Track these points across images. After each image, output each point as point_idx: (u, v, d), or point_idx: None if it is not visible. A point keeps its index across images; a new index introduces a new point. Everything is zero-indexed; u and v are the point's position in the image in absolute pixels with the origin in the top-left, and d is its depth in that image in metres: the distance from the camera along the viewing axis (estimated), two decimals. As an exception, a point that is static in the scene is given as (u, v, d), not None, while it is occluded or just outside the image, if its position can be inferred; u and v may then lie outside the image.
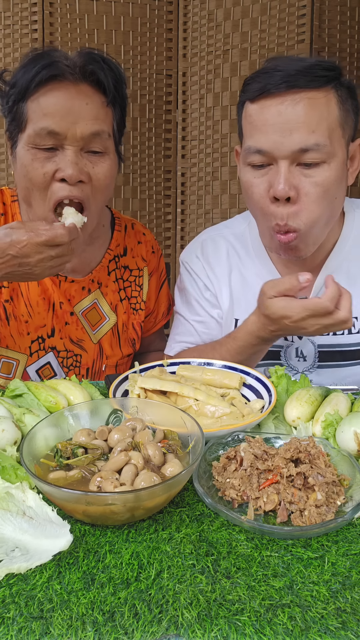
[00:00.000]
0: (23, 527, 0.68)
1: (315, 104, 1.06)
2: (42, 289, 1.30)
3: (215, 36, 2.88)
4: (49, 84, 1.09)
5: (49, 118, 1.09)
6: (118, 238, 1.40)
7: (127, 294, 1.40)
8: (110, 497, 0.68)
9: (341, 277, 1.28)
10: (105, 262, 1.37)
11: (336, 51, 2.83)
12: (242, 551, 0.67)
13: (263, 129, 1.07)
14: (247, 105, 1.12)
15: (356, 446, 0.85)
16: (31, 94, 1.10)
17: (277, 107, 1.06)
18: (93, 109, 1.12)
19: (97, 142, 1.13)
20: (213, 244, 1.38)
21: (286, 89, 1.05)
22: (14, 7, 2.75)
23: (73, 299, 1.34)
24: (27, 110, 1.11)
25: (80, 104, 1.10)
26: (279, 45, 2.80)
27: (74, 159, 1.10)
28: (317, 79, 1.06)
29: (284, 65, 1.07)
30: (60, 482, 0.75)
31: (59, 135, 1.10)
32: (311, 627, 0.57)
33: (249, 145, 1.10)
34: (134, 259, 1.42)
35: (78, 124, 1.10)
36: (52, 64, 1.09)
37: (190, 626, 0.56)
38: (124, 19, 2.86)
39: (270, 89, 1.06)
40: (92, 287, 1.35)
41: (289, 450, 0.79)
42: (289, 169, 1.07)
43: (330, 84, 1.08)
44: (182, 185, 3.07)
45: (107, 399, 0.96)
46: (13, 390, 1.02)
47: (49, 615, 0.58)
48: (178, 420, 0.84)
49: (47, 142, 1.10)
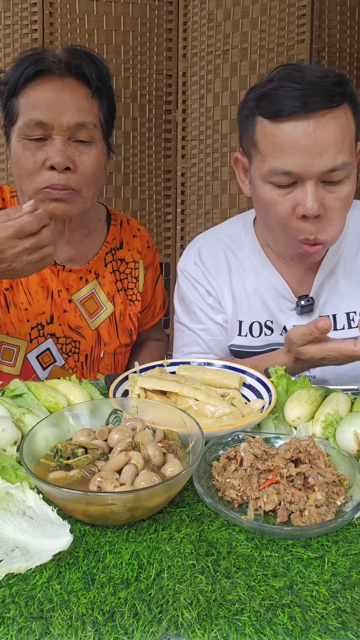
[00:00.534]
0: (23, 527, 0.68)
1: (339, 123, 1.07)
2: (40, 278, 1.35)
3: (215, 36, 2.88)
4: (37, 79, 1.17)
5: (37, 110, 1.17)
6: (114, 232, 1.46)
7: (124, 286, 1.45)
8: (110, 497, 0.68)
9: (338, 273, 1.31)
10: (102, 253, 1.42)
11: (336, 51, 2.83)
12: (242, 551, 0.67)
13: (291, 152, 1.07)
14: (265, 123, 1.10)
15: (356, 446, 0.85)
16: (21, 89, 1.18)
17: (304, 128, 1.06)
18: (78, 100, 1.19)
19: (83, 131, 1.20)
20: (209, 249, 1.38)
21: (309, 111, 1.05)
22: (14, 7, 2.75)
23: (71, 288, 1.39)
24: (18, 105, 1.19)
25: (65, 96, 1.18)
26: (279, 45, 2.80)
27: (61, 147, 1.18)
28: (335, 97, 1.06)
29: (299, 83, 1.06)
30: (60, 482, 0.75)
31: (47, 126, 1.17)
32: (311, 627, 0.57)
33: (275, 167, 1.09)
34: (129, 252, 1.47)
35: (64, 115, 1.17)
36: (39, 60, 1.18)
37: (190, 626, 0.56)
38: (124, 19, 2.86)
39: (297, 111, 1.05)
40: (90, 277, 1.40)
41: (289, 450, 0.79)
42: (316, 188, 1.09)
43: (346, 100, 1.09)
44: (182, 185, 3.07)
45: (107, 399, 0.96)
46: (13, 390, 1.02)
47: (49, 615, 0.58)
48: (178, 420, 0.84)
49: (36, 133, 1.17)
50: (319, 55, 2.80)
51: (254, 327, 1.34)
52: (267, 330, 1.34)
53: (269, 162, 1.11)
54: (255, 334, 1.34)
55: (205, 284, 1.37)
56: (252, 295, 1.34)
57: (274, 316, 1.33)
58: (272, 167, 1.10)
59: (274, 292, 1.32)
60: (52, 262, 1.09)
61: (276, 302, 1.32)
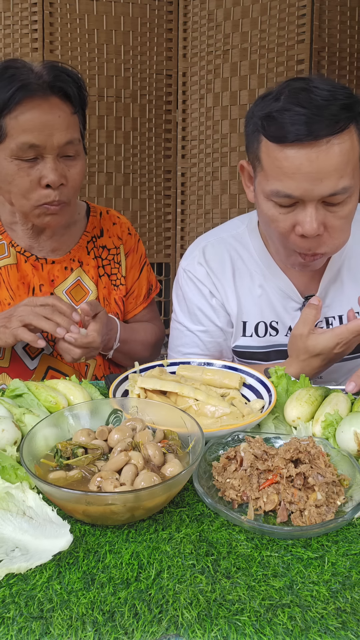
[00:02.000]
0: (23, 527, 0.68)
1: (343, 148, 1.06)
2: (21, 275, 1.40)
3: (215, 36, 2.88)
4: (23, 102, 1.22)
5: (28, 133, 1.22)
6: (94, 222, 1.52)
7: (107, 271, 1.50)
8: (110, 497, 0.68)
9: (343, 275, 1.32)
10: (82, 242, 1.48)
11: (336, 51, 2.83)
12: (242, 551, 0.67)
13: (293, 177, 1.08)
14: (269, 144, 1.11)
15: (356, 446, 0.85)
16: (8, 112, 1.22)
17: (307, 155, 1.06)
18: (64, 120, 1.25)
19: (71, 148, 1.27)
20: (214, 249, 1.38)
21: (313, 139, 1.05)
22: (14, 7, 2.75)
23: (57, 279, 1.43)
24: (4, 126, 1.23)
25: (53, 117, 1.23)
26: (279, 45, 2.80)
27: (54, 166, 1.24)
28: (341, 121, 1.05)
29: (305, 107, 1.05)
30: (60, 482, 0.75)
31: (39, 147, 1.23)
32: (311, 627, 0.57)
33: (277, 190, 1.10)
34: (110, 239, 1.52)
35: (54, 136, 1.23)
36: (25, 86, 1.22)
37: (190, 626, 0.56)
38: (124, 19, 2.86)
39: (302, 139, 1.05)
40: (74, 265, 1.45)
41: (288, 450, 0.79)
42: (316, 209, 1.10)
43: (352, 121, 1.08)
44: (182, 185, 3.07)
45: (107, 399, 0.96)
46: (13, 390, 1.02)
47: (49, 615, 0.58)
48: (178, 420, 0.84)
49: (29, 154, 1.23)
50: (319, 55, 2.80)
51: (260, 327, 1.34)
52: (272, 330, 1.34)
53: (271, 183, 1.12)
54: (261, 334, 1.34)
55: (209, 285, 1.36)
56: (257, 296, 1.34)
57: (280, 317, 1.33)
58: (274, 189, 1.11)
59: (279, 292, 1.32)
60: (47, 327, 1.19)
61: (282, 302, 1.33)
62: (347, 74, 2.88)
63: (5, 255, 1.39)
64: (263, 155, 1.13)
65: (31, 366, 1.39)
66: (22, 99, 1.21)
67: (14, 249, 1.40)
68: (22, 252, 1.40)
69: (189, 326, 1.39)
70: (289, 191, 1.09)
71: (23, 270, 1.40)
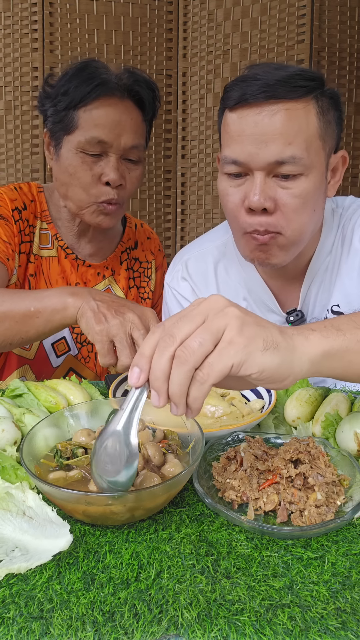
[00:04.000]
0: (23, 527, 0.68)
1: (293, 115, 1.02)
2: (61, 269, 1.43)
3: (215, 36, 2.88)
4: (100, 98, 1.26)
5: (99, 129, 1.26)
6: (129, 233, 1.55)
7: (136, 283, 1.54)
8: (110, 497, 0.68)
9: (325, 278, 1.26)
10: (118, 252, 1.51)
11: (336, 51, 2.83)
12: (242, 551, 0.67)
13: (239, 140, 1.05)
14: (226, 113, 1.09)
15: (356, 446, 0.85)
16: (84, 105, 1.26)
17: (254, 117, 1.03)
18: (135, 124, 1.30)
19: (135, 152, 1.31)
20: (197, 263, 1.35)
21: (264, 99, 1.02)
22: (14, 7, 2.75)
23: (89, 283, 1.46)
24: (77, 118, 1.27)
25: (126, 119, 1.27)
26: (279, 45, 2.80)
27: (117, 165, 1.28)
28: (296, 89, 1.02)
29: (264, 73, 1.03)
30: (60, 482, 0.75)
31: (106, 144, 1.27)
32: (311, 627, 0.57)
33: (225, 155, 1.08)
34: (143, 252, 1.56)
35: (123, 136, 1.27)
36: (105, 83, 1.26)
37: (190, 626, 0.56)
38: (124, 19, 2.86)
39: (248, 98, 1.02)
40: (106, 273, 1.49)
41: (288, 451, 0.79)
42: (264, 181, 1.05)
43: (310, 95, 1.04)
44: (182, 185, 3.07)
45: (107, 399, 0.96)
46: (13, 390, 1.02)
47: (49, 615, 0.58)
48: (178, 420, 0.84)
49: (95, 149, 1.27)
50: (319, 55, 2.80)
51: None
52: None
53: (222, 151, 1.10)
54: None
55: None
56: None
57: None
58: (223, 155, 1.09)
59: (262, 305, 1.30)
60: (104, 361, 1.04)
61: (265, 315, 1.29)
62: (347, 74, 2.88)
63: (49, 246, 1.42)
64: (222, 130, 1.12)
65: (55, 364, 1.41)
66: (100, 95, 1.25)
67: (57, 242, 1.42)
68: (65, 247, 1.42)
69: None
70: (234, 155, 1.06)
71: (63, 266, 1.43)
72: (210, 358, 0.62)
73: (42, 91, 1.34)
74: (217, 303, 0.65)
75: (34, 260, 1.39)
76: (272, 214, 1.06)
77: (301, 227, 1.09)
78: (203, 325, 0.63)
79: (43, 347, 1.41)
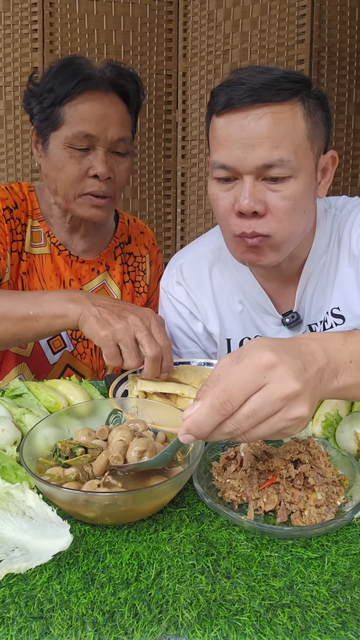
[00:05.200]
0: (23, 527, 0.68)
1: (279, 118, 1.02)
2: (54, 266, 1.43)
3: (215, 36, 2.88)
4: (85, 93, 1.27)
5: (85, 123, 1.26)
6: (122, 228, 1.56)
7: (131, 278, 1.54)
8: (110, 497, 0.68)
9: (321, 279, 1.25)
10: (112, 247, 1.52)
11: (336, 51, 2.83)
12: (242, 551, 0.67)
13: (226, 144, 1.05)
14: (214, 118, 1.09)
15: (356, 446, 0.85)
16: (69, 100, 1.27)
17: (240, 121, 1.03)
18: (120, 117, 1.31)
19: (122, 145, 1.32)
20: (191, 267, 1.35)
21: (250, 103, 1.02)
22: (14, 7, 2.75)
23: (83, 279, 1.46)
24: (63, 114, 1.27)
25: (111, 112, 1.28)
26: (279, 45, 2.80)
27: (104, 159, 1.29)
28: (282, 92, 1.02)
29: (249, 77, 1.03)
30: (55, 479, 0.75)
31: (93, 138, 1.28)
32: (311, 627, 0.57)
33: (213, 160, 1.08)
34: (137, 247, 1.57)
35: (109, 129, 1.28)
36: (90, 78, 1.27)
37: (190, 626, 0.56)
38: (124, 19, 2.86)
39: (234, 103, 1.02)
40: (101, 268, 1.49)
41: (288, 451, 0.79)
42: (253, 184, 1.05)
43: (296, 97, 1.04)
44: (182, 185, 3.07)
45: (107, 399, 0.96)
46: (13, 390, 1.02)
47: (49, 615, 0.58)
48: (178, 420, 0.84)
49: (82, 144, 1.28)
50: (319, 55, 2.80)
51: (245, 342, 1.32)
52: None
53: (211, 156, 1.10)
54: None
55: (190, 305, 1.33)
56: (239, 312, 1.31)
57: (262, 331, 1.30)
58: (212, 160, 1.09)
59: (258, 307, 1.29)
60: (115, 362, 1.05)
61: (262, 317, 1.29)
62: (347, 74, 2.88)
63: (41, 243, 1.43)
64: (210, 135, 1.12)
65: (51, 360, 1.41)
66: (85, 90, 1.26)
67: (50, 240, 1.42)
68: (57, 244, 1.43)
69: (172, 348, 1.38)
70: (222, 160, 1.06)
71: (56, 262, 1.43)
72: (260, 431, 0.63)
73: (27, 90, 1.35)
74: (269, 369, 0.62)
75: (26, 259, 1.40)
76: (262, 217, 1.07)
77: (292, 228, 1.09)
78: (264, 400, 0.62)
79: (39, 345, 1.42)
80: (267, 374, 0.62)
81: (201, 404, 0.62)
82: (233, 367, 0.63)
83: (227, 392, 0.61)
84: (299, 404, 0.63)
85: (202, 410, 0.62)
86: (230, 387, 0.61)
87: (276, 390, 0.61)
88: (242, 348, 0.66)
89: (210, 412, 0.62)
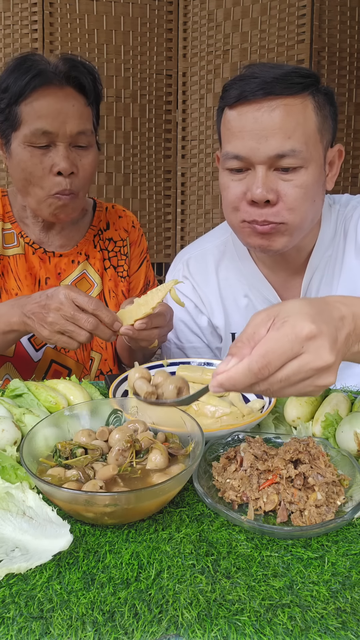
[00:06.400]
0: (23, 527, 0.68)
1: (291, 110, 1.06)
2: (28, 266, 1.43)
3: (215, 36, 2.88)
4: (39, 89, 1.25)
5: (42, 120, 1.24)
6: (100, 215, 1.55)
7: (113, 263, 1.52)
8: (110, 497, 0.68)
9: (327, 271, 1.28)
10: (89, 236, 1.50)
11: (336, 51, 2.83)
12: (242, 551, 0.67)
13: (240, 135, 1.08)
14: (226, 111, 1.13)
15: (356, 446, 0.85)
16: (24, 99, 1.25)
17: (253, 113, 1.07)
18: (78, 110, 1.28)
19: (83, 138, 1.29)
20: (197, 263, 1.37)
21: (263, 96, 1.06)
22: (14, 7, 2.75)
23: (64, 272, 1.45)
24: (20, 113, 1.26)
25: (67, 106, 1.26)
26: (279, 45, 2.80)
27: (66, 154, 1.27)
28: (293, 85, 1.06)
29: (261, 72, 1.08)
30: (55, 480, 0.75)
31: (52, 134, 1.25)
32: (311, 627, 0.57)
33: (226, 151, 1.11)
34: (116, 232, 1.55)
35: (67, 124, 1.25)
36: (42, 73, 1.25)
37: (190, 626, 0.56)
38: (124, 19, 2.86)
39: (247, 95, 1.07)
40: (80, 259, 1.48)
41: (288, 451, 0.79)
42: (266, 174, 1.08)
43: (306, 91, 1.08)
44: (182, 185, 3.07)
45: (107, 399, 0.96)
46: (13, 390, 1.02)
47: (49, 615, 0.58)
48: (178, 420, 0.84)
49: (42, 141, 1.26)
50: (319, 55, 2.80)
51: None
52: None
53: (223, 147, 1.13)
54: None
55: (195, 299, 1.35)
56: (244, 306, 1.32)
57: None
58: (225, 151, 1.12)
59: (264, 300, 1.31)
60: (75, 346, 1.10)
61: None
62: (347, 74, 2.88)
63: (15, 244, 1.42)
64: (222, 128, 1.15)
65: (35, 358, 1.41)
66: (38, 86, 1.25)
67: (23, 240, 1.42)
68: (31, 244, 1.43)
69: (175, 342, 1.39)
70: (235, 151, 1.09)
71: (30, 262, 1.43)
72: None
73: None
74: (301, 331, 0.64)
75: (0, 260, 1.41)
76: (273, 206, 1.10)
77: (302, 215, 1.13)
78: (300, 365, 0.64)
79: (21, 343, 1.42)
80: (306, 344, 0.64)
81: (238, 364, 0.64)
82: (273, 333, 0.64)
83: (267, 358, 0.63)
84: (329, 375, 0.66)
85: (239, 369, 0.64)
86: (270, 354, 0.63)
87: (311, 360, 0.64)
88: (280, 309, 0.67)
89: (248, 374, 0.64)
